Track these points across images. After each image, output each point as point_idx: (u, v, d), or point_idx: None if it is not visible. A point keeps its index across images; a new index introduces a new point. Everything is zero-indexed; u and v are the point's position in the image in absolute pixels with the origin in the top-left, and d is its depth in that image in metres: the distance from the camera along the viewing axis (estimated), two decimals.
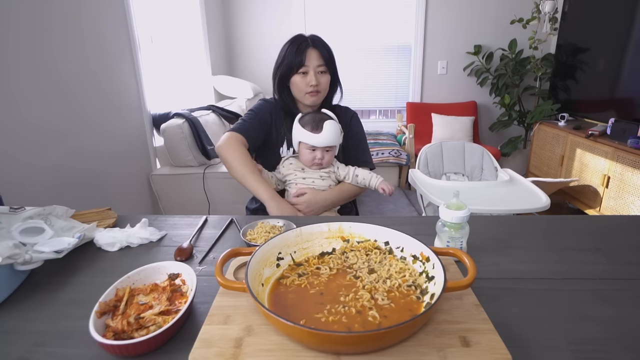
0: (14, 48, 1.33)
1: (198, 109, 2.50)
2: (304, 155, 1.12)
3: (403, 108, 3.79)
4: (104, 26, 1.82)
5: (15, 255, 0.60)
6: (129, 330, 0.50)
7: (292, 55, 1.12)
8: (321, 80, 1.14)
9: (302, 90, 1.15)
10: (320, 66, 1.13)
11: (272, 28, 3.55)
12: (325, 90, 1.18)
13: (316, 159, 1.11)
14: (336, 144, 1.12)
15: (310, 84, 1.13)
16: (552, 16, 3.09)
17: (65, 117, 1.57)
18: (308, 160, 1.12)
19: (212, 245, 0.81)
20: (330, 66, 1.16)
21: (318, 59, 1.13)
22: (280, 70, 1.16)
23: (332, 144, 1.10)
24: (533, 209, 1.44)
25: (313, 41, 1.14)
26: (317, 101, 1.18)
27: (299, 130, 1.10)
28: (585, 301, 0.59)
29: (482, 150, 2.08)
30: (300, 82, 1.14)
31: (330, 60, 1.16)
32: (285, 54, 1.14)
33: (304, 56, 1.12)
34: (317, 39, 1.16)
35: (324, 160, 1.11)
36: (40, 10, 1.44)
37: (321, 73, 1.14)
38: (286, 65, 1.14)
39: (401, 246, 0.64)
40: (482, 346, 0.46)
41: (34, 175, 1.41)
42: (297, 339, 0.47)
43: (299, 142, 1.12)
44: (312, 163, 1.12)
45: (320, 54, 1.13)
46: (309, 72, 1.13)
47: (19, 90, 1.35)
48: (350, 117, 1.27)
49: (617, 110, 2.48)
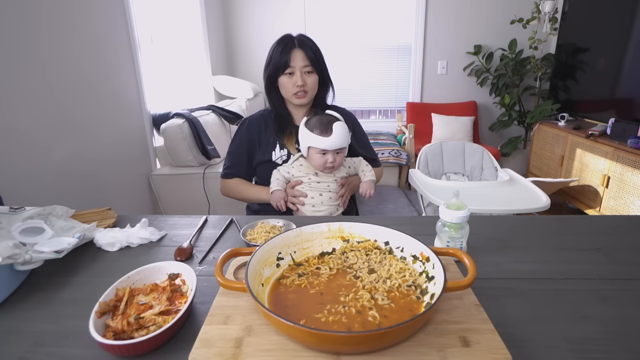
0: (14, 48, 1.33)
1: (198, 109, 2.50)
2: (314, 160, 1.09)
3: (403, 108, 3.79)
4: (104, 26, 1.82)
5: (15, 255, 0.60)
6: (129, 330, 0.50)
7: (278, 56, 1.12)
8: (307, 80, 1.14)
9: (289, 91, 1.15)
10: (306, 67, 1.13)
11: (272, 28, 3.55)
12: (312, 90, 1.18)
13: (328, 162, 1.07)
14: (346, 145, 1.10)
15: (296, 85, 1.13)
16: (552, 16, 3.09)
17: (65, 117, 1.57)
18: (320, 165, 1.08)
19: (212, 245, 0.81)
20: (317, 66, 1.16)
21: (303, 59, 1.13)
22: (268, 71, 1.16)
23: (342, 145, 1.07)
24: (533, 209, 1.44)
25: (299, 41, 1.14)
26: (305, 102, 1.18)
27: (307, 134, 1.07)
28: (585, 301, 0.59)
29: (482, 150, 2.08)
30: (287, 83, 1.14)
31: (317, 60, 1.16)
32: (272, 55, 1.15)
33: (289, 57, 1.12)
34: (304, 39, 1.15)
35: (335, 163, 1.08)
36: (41, 10, 1.44)
37: (307, 73, 1.14)
38: (273, 66, 1.14)
39: (401, 246, 0.64)
40: (482, 346, 0.46)
41: (34, 175, 1.41)
42: (297, 339, 0.47)
43: (308, 147, 1.08)
44: (324, 167, 1.08)
45: (305, 54, 1.13)
46: (295, 72, 1.13)
47: (18, 90, 1.35)
48: (353, 122, 1.28)
49: (617, 110, 2.48)
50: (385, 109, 3.90)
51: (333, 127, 1.04)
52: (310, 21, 3.55)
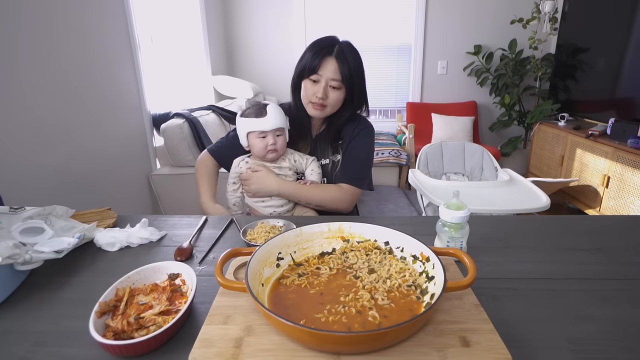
0: (14, 48, 1.33)
1: (198, 109, 2.50)
2: (255, 145, 1.05)
3: (403, 108, 3.79)
4: (104, 26, 1.82)
5: (15, 255, 0.60)
6: (129, 330, 0.50)
7: (310, 58, 1.02)
8: (331, 95, 1.03)
9: (307, 97, 1.05)
10: (334, 80, 1.01)
11: (272, 28, 3.55)
12: (332, 107, 1.06)
13: (269, 144, 1.03)
14: (284, 126, 1.05)
15: (316, 95, 1.02)
16: (552, 16, 3.09)
17: (65, 117, 1.57)
18: (261, 149, 1.04)
19: (212, 245, 0.81)
20: (348, 83, 1.03)
21: (335, 72, 1.01)
22: (297, 70, 1.07)
23: (279, 125, 1.03)
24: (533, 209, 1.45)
25: (338, 51, 1.01)
26: (320, 115, 1.07)
27: (243, 122, 1.04)
28: (585, 301, 0.59)
29: (482, 150, 2.08)
30: (308, 88, 1.04)
31: (350, 77, 1.02)
32: (305, 53, 1.05)
33: (319, 64, 1.01)
34: (344, 50, 1.02)
35: (277, 146, 1.04)
36: (41, 10, 1.44)
37: (333, 88, 1.03)
38: (302, 67, 1.05)
39: (401, 246, 0.64)
40: (482, 346, 0.46)
41: (34, 175, 1.41)
42: (297, 339, 0.47)
43: (247, 134, 1.05)
44: (266, 151, 1.04)
45: (339, 67, 1.00)
46: (321, 82, 1.02)
47: (18, 90, 1.35)
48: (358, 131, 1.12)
49: (617, 110, 2.48)
50: (385, 109, 3.90)
51: (267, 108, 1.02)
52: (310, 21, 3.55)
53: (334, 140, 1.13)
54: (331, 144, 1.13)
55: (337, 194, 1.08)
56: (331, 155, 1.14)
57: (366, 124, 1.15)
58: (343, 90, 1.04)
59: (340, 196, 1.08)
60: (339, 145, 1.14)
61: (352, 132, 1.13)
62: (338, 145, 1.14)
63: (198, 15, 2.94)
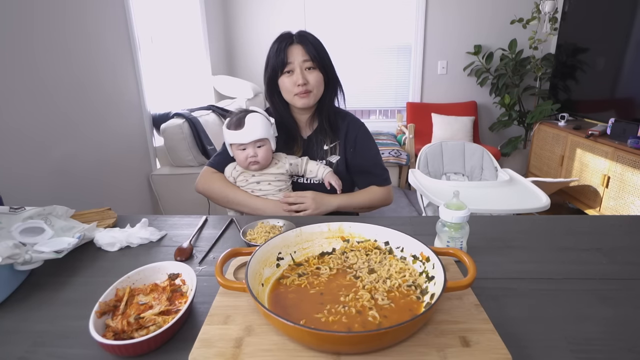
0: (13, 48, 1.33)
1: (198, 109, 2.50)
2: (238, 157, 1.05)
3: (403, 108, 3.79)
4: (104, 26, 1.82)
5: (15, 255, 0.60)
6: (129, 330, 0.50)
7: (274, 55, 1.03)
8: (309, 77, 1.03)
9: (290, 91, 1.04)
10: (306, 61, 1.02)
11: (272, 28, 3.55)
12: (317, 89, 1.05)
13: (249, 157, 1.02)
14: (265, 137, 1.02)
15: (297, 84, 1.02)
16: (552, 16, 3.09)
17: (64, 117, 1.57)
18: (242, 161, 1.04)
19: (212, 245, 0.81)
20: (319, 62, 1.04)
21: (302, 54, 1.02)
22: (267, 74, 1.07)
23: (257, 137, 1.00)
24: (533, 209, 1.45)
25: (298, 37, 1.04)
26: (309, 103, 1.06)
27: (225, 133, 1.03)
28: (585, 301, 0.59)
29: (482, 150, 2.08)
30: (287, 83, 1.03)
31: (319, 56, 1.04)
32: (269, 55, 1.05)
33: (286, 54, 1.01)
34: (303, 34, 1.04)
35: (258, 157, 1.02)
36: (41, 10, 1.44)
37: (308, 70, 1.03)
38: (271, 67, 1.05)
39: (401, 246, 0.64)
40: (482, 346, 0.46)
41: (34, 175, 1.41)
42: (297, 339, 0.47)
43: (230, 145, 1.05)
44: (247, 163, 1.03)
45: (304, 49, 1.02)
46: (295, 69, 1.02)
47: (18, 91, 1.35)
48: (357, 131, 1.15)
49: (617, 110, 2.48)
50: (385, 109, 3.90)
51: (246, 119, 1.00)
52: (310, 21, 3.55)
53: (332, 132, 1.13)
54: (330, 139, 1.13)
55: (381, 194, 1.16)
56: (328, 157, 1.14)
57: (356, 121, 1.18)
58: (318, 70, 1.05)
59: (383, 196, 1.17)
60: (336, 146, 1.14)
61: (347, 130, 1.14)
62: (335, 146, 1.14)
63: (198, 15, 2.94)
